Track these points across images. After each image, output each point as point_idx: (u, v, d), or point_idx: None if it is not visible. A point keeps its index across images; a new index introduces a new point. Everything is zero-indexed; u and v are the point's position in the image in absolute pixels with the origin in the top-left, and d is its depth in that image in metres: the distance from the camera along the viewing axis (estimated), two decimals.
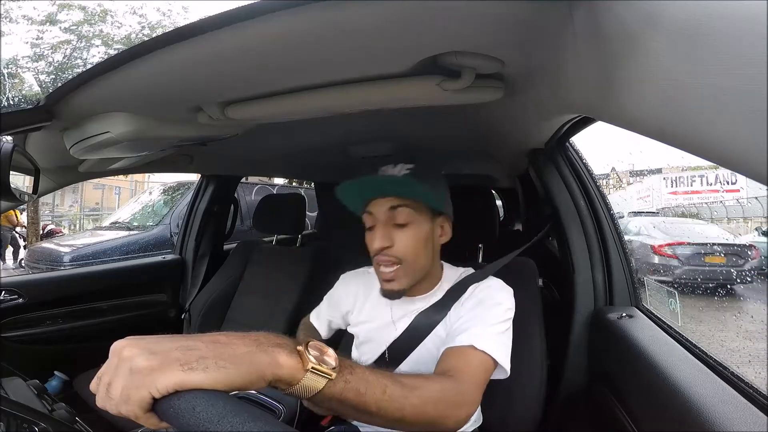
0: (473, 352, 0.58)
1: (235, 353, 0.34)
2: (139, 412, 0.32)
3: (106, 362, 0.36)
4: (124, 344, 0.35)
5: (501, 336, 0.63)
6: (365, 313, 0.81)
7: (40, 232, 6.60)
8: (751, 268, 3.13)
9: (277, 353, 0.36)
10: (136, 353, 0.34)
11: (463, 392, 0.53)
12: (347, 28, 0.45)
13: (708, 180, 7.53)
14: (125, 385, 0.33)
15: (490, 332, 0.61)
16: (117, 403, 0.33)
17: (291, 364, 0.36)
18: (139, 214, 4.52)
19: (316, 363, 0.37)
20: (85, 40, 5.65)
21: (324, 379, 0.38)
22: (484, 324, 0.62)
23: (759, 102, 0.22)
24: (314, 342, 0.40)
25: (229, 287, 1.48)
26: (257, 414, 0.39)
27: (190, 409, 0.40)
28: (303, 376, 0.37)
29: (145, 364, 0.32)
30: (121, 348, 0.35)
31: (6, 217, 6.20)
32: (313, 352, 0.38)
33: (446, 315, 0.70)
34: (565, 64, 0.47)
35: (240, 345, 0.35)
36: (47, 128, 0.75)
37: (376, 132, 1.14)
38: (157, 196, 4.70)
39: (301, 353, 0.37)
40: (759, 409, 0.51)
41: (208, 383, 0.33)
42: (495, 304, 0.66)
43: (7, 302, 1.29)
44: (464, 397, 0.53)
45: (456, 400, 0.52)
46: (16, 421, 0.52)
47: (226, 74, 0.59)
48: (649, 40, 0.30)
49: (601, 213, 1.02)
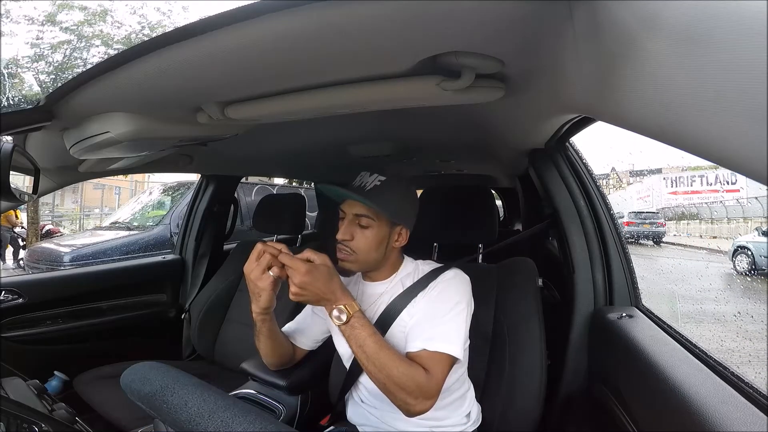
0: (429, 354, 0.71)
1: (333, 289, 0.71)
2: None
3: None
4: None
5: (453, 328, 0.73)
6: None
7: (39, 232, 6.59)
8: None
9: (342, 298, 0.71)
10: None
11: (429, 377, 0.69)
12: (347, 28, 0.45)
13: (708, 180, 7.54)
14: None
15: (441, 330, 0.72)
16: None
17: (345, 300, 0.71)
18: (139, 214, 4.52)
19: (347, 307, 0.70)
20: (85, 40, 5.65)
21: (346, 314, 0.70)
22: (433, 322, 0.73)
23: (759, 102, 0.22)
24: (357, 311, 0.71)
25: (229, 287, 1.48)
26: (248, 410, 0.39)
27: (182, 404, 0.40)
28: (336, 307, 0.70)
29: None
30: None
31: (5, 217, 6.21)
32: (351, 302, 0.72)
33: (411, 301, 0.80)
34: (565, 64, 0.47)
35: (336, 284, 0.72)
36: (47, 128, 0.75)
37: (376, 132, 1.14)
38: (157, 195, 4.70)
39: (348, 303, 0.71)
40: (759, 409, 0.51)
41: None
42: (447, 301, 0.76)
43: (7, 302, 1.29)
44: (429, 381, 0.68)
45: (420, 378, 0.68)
46: (16, 421, 0.52)
47: (226, 74, 0.59)
48: (648, 40, 0.30)
49: (601, 213, 1.03)
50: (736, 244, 3.69)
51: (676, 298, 2.51)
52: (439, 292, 0.78)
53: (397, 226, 0.82)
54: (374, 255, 0.81)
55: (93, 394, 1.11)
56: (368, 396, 0.83)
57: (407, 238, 0.85)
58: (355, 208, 0.79)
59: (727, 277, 3.56)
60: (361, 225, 0.79)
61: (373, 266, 0.84)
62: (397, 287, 0.83)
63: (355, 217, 0.80)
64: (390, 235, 0.82)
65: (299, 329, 0.93)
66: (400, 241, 0.84)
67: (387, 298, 0.83)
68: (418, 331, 0.74)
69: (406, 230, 0.84)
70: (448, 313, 0.74)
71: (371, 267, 0.84)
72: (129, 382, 0.45)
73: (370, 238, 0.79)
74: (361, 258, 0.80)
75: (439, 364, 0.70)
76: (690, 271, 4.15)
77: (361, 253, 0.80)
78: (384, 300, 0.83)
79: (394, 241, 0.83)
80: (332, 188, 0.79)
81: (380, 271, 0.85)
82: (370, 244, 0.79)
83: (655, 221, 6.71)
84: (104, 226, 4.85)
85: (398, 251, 0.86)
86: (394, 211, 0.79)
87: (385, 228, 0.80)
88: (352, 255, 0.80)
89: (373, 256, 0.81)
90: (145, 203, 4.73)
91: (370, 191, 0.77)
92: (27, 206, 6.68)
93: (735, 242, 3.74)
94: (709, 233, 5.80)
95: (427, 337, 0.72)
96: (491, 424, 0.85)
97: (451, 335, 0.72)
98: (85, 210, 10.95)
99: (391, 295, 0.83)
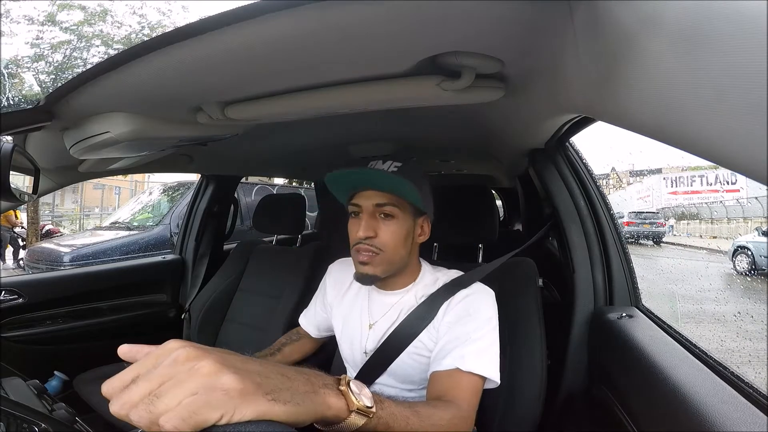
0: (459, 374, 0.61)
1: (299, 390, 0.34)
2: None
3: (148, 362, 0.30)
4: (197, 353, 0.30)
5: (487, 350, 0.65)
6: (345, 304, 0.84)
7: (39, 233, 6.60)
8: None
9: (327, 395, 0.37)
10: (219, 369, 0.29)
11: (466, 418, 0.59)
12: (347, 28, 0.45)
13: (708, 180, 7.54)
14: (194, 400, 0.27)
15: (473, 349, 0.64)
16: (165, 415, 0.26)
17: (339, 405, 0.37)
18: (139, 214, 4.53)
19: (359, 403, 0.39)
20: (85, 40, 5.65)
21: (364, 418, 0.39)
22: (467, 341, 0.64)
23: (759, 101, 0.22)
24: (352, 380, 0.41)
25: (229, 287, 1.48)
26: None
27: None
28: (347, 416, 0.38)
29: (234, 384, 0.28)
30: (191, 355, 0.30)
31: (5, 217, 6.25)
32: (354, 389, 0.40)
33: (431, 321, 0.71)
34: (565, 64, 0.47)
35: (301, 382, 0.35)
36: (47, 128, 0.75)
37: (376, 132, 1.13)
38: (157, 195, 4.70)
39: (345, 393, 0.39)
40: (759, 409, 0.51)
41: (284, 417, 0.30)
42: (476, 317, 0.68)
43: (7, 302, 1.29)
44: (467, 422, 0.59)
45: (460, 426, 0.57)
46: (16, 421, 0.52)
47: (226, 74, 0.59)
48: (649, 40, 0.30)
49: (601, 213, 1.02)
50: (736, 244, 3.69)
51: (676, 298, 2.51)
52: (469, 309, 0.69)
53: (419, 216, 0.74)
54: (402, 252, 0.71)
55: (93, 394, 1.11)
56: None
57: (429, 232, 0.76)
58: (375, 198, 0.69)
59: (727, 277, 3.56)
60: (384, 215, 0.69)
61: (398, 268, 0.73)
62: (410, 300, 0.75)
63: (376, 208, 0.69)
64: (414, 228, 0.73)
65: (308, 315, 0.95)
66: (423, 236, 0.75)
67: (398, 311, 0.75)
68: (449, 347, 0.65)
69: (428, 222, 0.76)
70: (478, 331, 0.66)
71: (396, 269, 0.73)
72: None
73: (396, 231, 0.69)
74: (389, 257, 0.69)
75: (469, 385, 0.62)
76: (690, 270, 4.15)
77: (388, 251, 0.69)
78: (395, 314, 0.75)
79: (418, 236, 0.74)
80: (348, 171, 0.67)
81: (400, 276, 0.75)
82: (398, 237, 0.69)
83: (654, 221, 6.75)
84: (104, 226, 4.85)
85: (417, 253, 0.78)
86: (420, 198, 0.69)
87: (409, 219, 0.71)
88: (379, 255, 0.69)
89: (400, 253, 0.71)
90: (145, 203, 4.74)
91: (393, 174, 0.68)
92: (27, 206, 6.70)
93: (735, 242, 3.74)
94: (709, 233, 5.80)
95: (459, 355, 0.63)
96: (491, 424, 0.85)
97: (483, 355, 0.64)
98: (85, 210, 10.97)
99: (402, 308, 0.74)
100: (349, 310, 0.82)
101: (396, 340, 0.72)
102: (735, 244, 3.70)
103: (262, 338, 1.21)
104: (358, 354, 0.79)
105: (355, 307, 0.82)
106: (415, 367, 0.72)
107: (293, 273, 1.36)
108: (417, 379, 0.74)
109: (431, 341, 0.71)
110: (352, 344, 0.80)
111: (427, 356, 0.71)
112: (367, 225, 0.68)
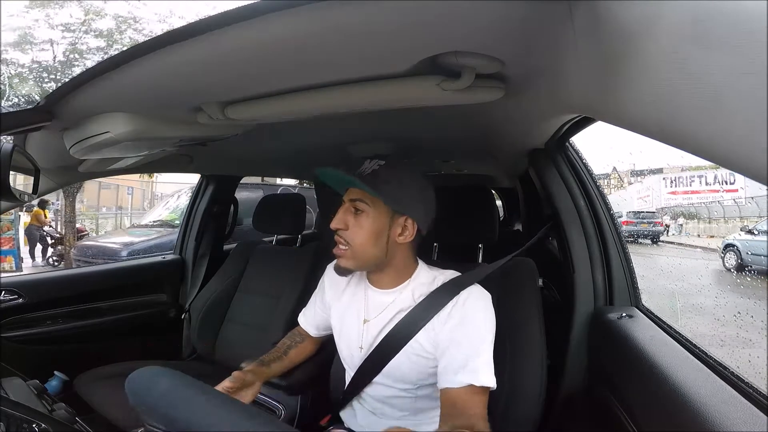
0: (473, 390, 0.65)
1: None
2: None
3: None
4: None
5: (491, 360, 0.68)
6: (343, 302, 0.85)
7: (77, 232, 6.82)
8: None
9: None
10: None
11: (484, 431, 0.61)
12: (347, 28, 0.45)
13: (707, 180, 7.53)
14: None
15: (482, 362, 0.67)
16: None
17: None
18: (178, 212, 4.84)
19: None
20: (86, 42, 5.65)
21: None
22: (474, 355, 0.67)
23: (759, 102, 0.22)
24: None
25: (229, 287, 1.48)
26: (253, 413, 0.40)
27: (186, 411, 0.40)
28: None
29: None
30: None
31: (36, 217, 6.50)
32: None
33: (429, 322, 0.72)
34: (565, 64, 0.47)
35: None
36: (47, 128, 0.75)
37: (376, 132, 1.13)
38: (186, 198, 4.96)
39: None
40: (759, 409, 0.51)
41: None
42: (478, 326, 0.70)
43: (7, 302, 1.29)
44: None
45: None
46: (16, 421, 0.52)
47: (226, 74, 0.59)
48: (648, 40, 0.30)
49: (601, 213, 1.03)
50: (725, 242, 3.76)
51: (674, 294, 2.55)
52: (470, 316, 0.70)
53: (399, 216, 0.73)
54: (372, 250, 0.72)
55: (93, 394, 1.11)
56: (373, 403, 0.81)
57: (414, 233, 0.74)
58: (351, 194, 0.73)
59: (718, 273, 3.62)
60: (355, 209, 0.72)
61: (373, 265, 0.75)
62: (407, 300, 0.75)
63: (351, 203, 0.73)
64: (391, 227, 0.72)
65: (307, 314, 0.95)
66: (405, 236, 0.73)
67: (395, 311, 0.75)
68: (459, 360, 0.66)
69: (412, 223, 0.74)
70: (483, 342, 0.68)
71: (370, 265, 0.75)
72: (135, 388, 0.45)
73: (365, 227, 0.71)
74: (357, 252, 0.72)
75: (482, 399, 0.65)
76: (687, 268, 4.19)
77: (355, 246, 0.71)
78: (391, 313, 0.75)
79: (397, 235, 0.73)
80: (328, 171, 0.73)
81: (385, 274, 0.77)
82: (366, 233, 0.71)
83: (653, 221, 6.76)
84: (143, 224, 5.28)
85: (408, 253, 0.77)
86: (390, 195, 0.70)
87: (383, 217, 0.72)
88: (348, 249, 0.72)
89: (370, 251, 0.72)
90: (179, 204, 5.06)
91: (368, 175, 0.71)
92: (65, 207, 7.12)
93: (724, 240, 3.82)
94: (706, 232, 5.82)
95: (471, 370, 0.65)
96: (491, 424, 0.85)
97: (490, 366, 0.67)
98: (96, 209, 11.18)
99: (400, 308, 0.75)
100: (346, 308, 0.83)
101: (393, 340, 0.73)
102: (724, 242, 3.77)
103: (262, 338, 1.21)
104: (354, 351, 0.80)
105: (352, 305, 0.82)
106: (411, 367, 0.72)
107: (293, 273, 1.37)
108: (413, 379, 0.74)
109: (429, 343, 0.71)
110: (349, 341, 0.81)
111: (424, 357, 0.72)
112: (339, 217, 0.73)
